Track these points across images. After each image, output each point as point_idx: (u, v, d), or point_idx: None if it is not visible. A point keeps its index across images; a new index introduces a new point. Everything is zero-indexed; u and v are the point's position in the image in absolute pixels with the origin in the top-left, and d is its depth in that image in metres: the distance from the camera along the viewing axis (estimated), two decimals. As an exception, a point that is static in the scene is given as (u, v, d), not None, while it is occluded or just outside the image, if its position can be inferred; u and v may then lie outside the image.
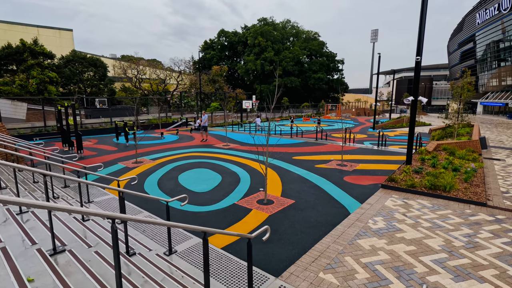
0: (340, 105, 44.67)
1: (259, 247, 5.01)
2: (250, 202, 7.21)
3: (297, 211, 6.63)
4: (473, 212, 6.52)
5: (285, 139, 18.33)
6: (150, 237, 5.29)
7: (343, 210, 6.72)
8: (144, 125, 22.73)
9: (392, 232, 5.53)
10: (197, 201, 7.28)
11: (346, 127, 18.24)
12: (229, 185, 8.58)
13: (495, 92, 53.15)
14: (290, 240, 5.26)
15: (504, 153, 14.45)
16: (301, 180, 9.17)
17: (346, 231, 5.60)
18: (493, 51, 51.23)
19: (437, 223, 5.95)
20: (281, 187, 8.42)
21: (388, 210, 6.66)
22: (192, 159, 12.10)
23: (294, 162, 11.59)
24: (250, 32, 52.93)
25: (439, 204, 7.03)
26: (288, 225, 5.90)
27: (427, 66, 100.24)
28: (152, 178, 9.25)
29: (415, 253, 4.76)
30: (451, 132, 18.77)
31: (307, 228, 5.74)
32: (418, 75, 9.83)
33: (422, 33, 9.81)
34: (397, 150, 14.55)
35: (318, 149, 14.70)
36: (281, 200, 7.32)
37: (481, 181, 8.71)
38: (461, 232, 5.53)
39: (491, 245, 5.03)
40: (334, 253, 4.77)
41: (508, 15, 44.85)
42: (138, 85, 34.68)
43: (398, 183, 8.36)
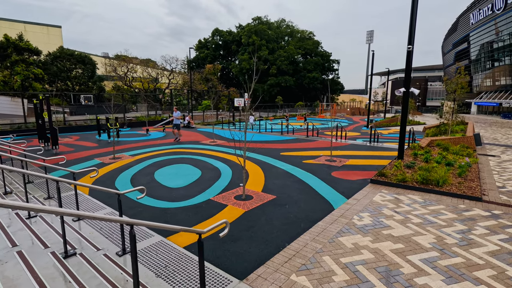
0: (334, 105, 44.27)
1: (227, 246, 4.42)
2: (227, 197, 6.62)
3: (277, 207, 6.06)
4: (468, 207, 6.00)
5: (275, 136, 17.79)
6: (106, 235, 4.68)
7: (327, 205, 6.16)
8: (131, 122, 22.03)
9: (378, 229, 4.97)
10: (170, 197, 6.68)
11: (337, 123, 17.71)
12: (208, 181, 7.99)
13: (489, 92, 53.24)
14: (264, 238, 4.68)
15: (499, 150, 14.05)
16: (286, 175, 8.61)
17: (327, 228, 5.04)
18: (487, 51, 51.34)
19: (429, 219, 5.41)
20: (264, 182, 7.85)
21: (376, 205, 6.12)
22: (174, 155, 11.48)
23: (281, 158, 11.03)
24: (244, 31, 52.40)
25: (431, 199, 6.51)
26: (265, 221, 5.32)
27: (421, 67, 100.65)
28: (126, 174, 8.62)
29: (403, 252, 4.21)
30: (445, 129, 18.38)
31: (285, 225, 5.17)
32: (410, 65, 9.34)
33: (413, 22, 9.33)
34: (390, 146, 14.07)
35: (308, 146, 14.17)
36: (261, 196, 6.75)
37: (475, 176, 8.21)
38: (454, 229, 4.99)
39: (487, 242, 4.50)
40: (312, 252, 4.20)
41: (502, 15, 44.95)
42: (128, 83, 33.91)
43: (388, 178, 7.84)
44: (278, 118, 36.25)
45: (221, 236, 3.08)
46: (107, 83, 38.04)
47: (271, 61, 51.28)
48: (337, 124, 16.88)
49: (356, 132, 22.06)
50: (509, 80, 47.00)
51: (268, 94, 49.59)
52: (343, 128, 17.47)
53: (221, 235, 3.09)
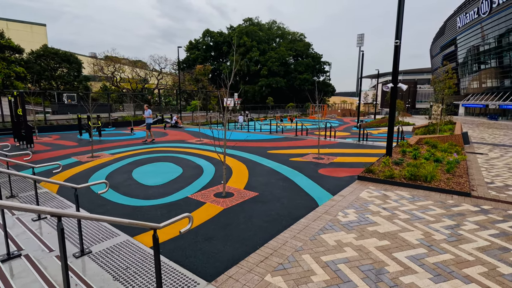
0: (325, 106, 44.30)
1: (199, 246, 4.04)
2: (206, 195, 6.23)
3: (258, 204, 5.71)
4: (456, 203, 5.77)
5: (264, 135, 17.47)
6: (67, 235, 4.23)
7: (312, 202, 5.85)
8: (116, 122, 21.40)
9: (363, 225, 4.67)
10: (145, 195, 6.25)
11: (326, 122, 17.52)
12: (189, 178, 7.59)
13: (476, 94, 54.30)
14: (240, 237, 4.32)
15: (487, 148, 14.07)
16: (272, 172, 8.27)
17: (310, 225, 4.71)
18: (473, 54, 52.39)
19: (416, 214, 5.14)
20: (247, 180, 7.49)
21: (363, 201, 5.83)
22: (156, 154, 11.02)
23: (268, 156, 10.70)
24: (235, 32, 52.19)
25: (419, 195, 6.26)
26: (243, 219, 4.96)
27: (411, 70, 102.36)
28: (102, 172, 8.14)
29: (388, 249, 3.91)
30: (434, 128, 18.42)
31: (265, 223, 4.82)
32: (398, 59, 9.17)
33: (401, 16, 9.17)
34: (379, 144, 13.91)
35: (296, 144, 13.89)
36: (243, 193, 6.39)
37: (464, 172, 8.04)
38: (443, 224, 4.73)
39: (477, 238, 4.24)
40: (291, 251, 3.86)
41: (487, 19, 45.96)
42: (116, 83, 33.13)
43: (376, 174, 7.58)
44: (269, 119, 36.00)
45: (182, 232, 2.71)
46: (95, 83, 37.15)
47: (262, 62, 51.16)
48: (325, 123, 16.67)
49: (346, 132, 21.95)
50: (495, 83, 48.01)
51: (259, 95, 49.39)
52: (332, 128, 17.30)
53: (182, 231, 2.72)
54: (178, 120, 21.76)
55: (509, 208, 5.50)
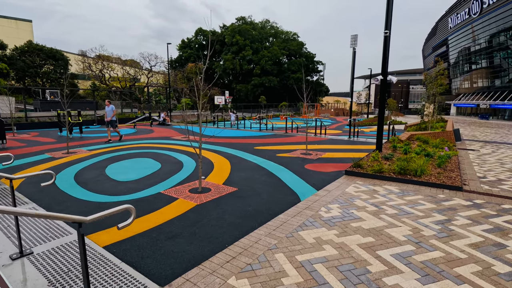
0: (318, 105, 44.08)
1: (160, 244, 3.58)
2: (181, 190, 5.76)
3: (235, 199, 5.26)
4: (447, 197, 5.40)
5: (254, 132, 17.02)
6: (10, 234, 3.72)
7: (294, 197, 5.42)
8: (102, 119, 20.71)
9: (347, 221, 4.26)
10: (113, 191, 5.75)
11: (316, 119, 17.18)
12: (166, 174, 7.10)
13: (467, 94, 54.74)
14: (209, 234, 3.86)
15: (478, 145, 13.88)
16: (256, 168, 7.83)
17: (288, 221, 4.28)
18: (464, 55, 52.82)
19: (405, 209, 4.75)
20: (228, 175, 7.04)
21: (348, 196, 5.42)
22: (137, 150, 10.50)
23: (254, 152, 10.26)
24: (228, 31, 51.71)
25: (409, 189, 5.89)
26: (216, 215, 4.50)
27: (403, 70, 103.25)
28: (73, 168, 7.60)
29: (372, 246, 3.50)
30: (426, 126, 18.22)
31: (239, 219, 4.37)
32: (387, 50, 8.83)
33: (390, 6, 8.84)
34: (369, 140, 13.58)
35: (285, 140, 13.48)
36: (221, 188, 5.93)
37: (455, 166, 7.72)
38: (433, 219, 4.34)
39: (470, 234, 3.86)
40: (263, 249, 3.41)
41: (478, 19, 46.35)
42: (104, 81, 32.33)
43: (364, 169, 7.20)
44: (263, 118, 35.58)
45: (120, 228, 2.24)
46: (84, 82, 36.24)
47: (255, 61, 50.77)
48: (315, 119, 16.33)
49: (338, 130, 21.65)
50: (486, 82, 48.44)
51: (252, 94, 48.98)
52: (323, 126, 16.95)
53: (120, 226, 2.25)
54: (166, 117, 21.18)
55: (503, 202, 5.15)
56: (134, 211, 2.36)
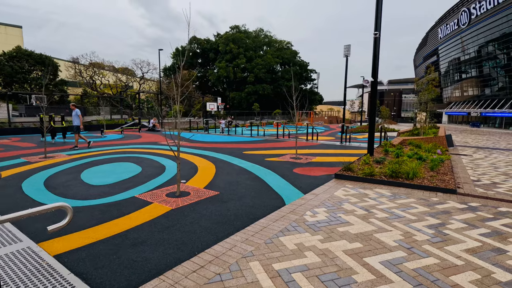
0: (312, 113, 44.07)
1: (121, 252, 3.16)
2: (158, 194, 5.35)
3: (215, 203, 4.87)
4: (441, 200, 5.09)
5: (244, 138, 16.67)
6: (-49, 243, 3.27)
7: (278, 201, 5.05)
8: (90, 125, 20.21)
9: (333, 226, 3.90)
10: (83, 195, 5.30)
11: (307, 123, 16.95)
12: (145, 178, 6.68)
13: (458, 103, 55.49)
14: (179, 241, 3.46)
15: (471, 150, 13.73)
16: (242, 172, 7.46)
17: (269, 225, 3.90)
18: (455, 64, 53.79)
19: (396, 213, 4.41)
20: (211, 179, 6.64)
21: (336, 200, 5.07)
22: (120, 154, 10.05)
23: (243, 156, 9.89)
24: (222, 39, 51.92)
25: (401, 193, 5.57)
26: (190, 220, 4.10)
27: (396, 80, 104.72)
28: (47, 172, 7.13)
29: (360, 253, 3.13)
30: (418, 132, 18.12)
31: (216, 224, 3.98)
32: (377, 52, 8.66)
33: (379, 7, 8.73)
34: (361, 145, 13.34)
35: (275, 145, 13.15)
36: (201, 192, 5.53)
37: (449, 170, 7.45)
38: (426, 223, 4.01)
39: (466, 238, 3.53)
40: (237, 257, 3.02)
41: (467, 30, 47.39)
42: (95, 88, 31.86)
43: (355, 172, 6.88)
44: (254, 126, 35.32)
45: (49, 231, 1.84)
46: (74, 89, 35.66)
47: (249, 69, 50.86)
48: (307, 124, 16.11)
49: (331, 136, 21.45)
50: (477, 91, 49.19)
51: (246, 102, 48.84)
52: (315, 132, 16.72)
53: (49, 229, 1.84)
54: (155, 123, 20.76)
55: (500, 205, 4.85)
56: (71, 211, 1.96)
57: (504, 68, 41.27)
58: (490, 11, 40.48)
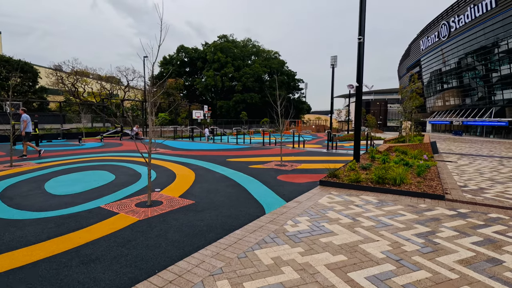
0: (300, 121, 44.22)
1: (66, 272, 2.69)
2: (126, 204, 4.87)
3: (188, 213, 4.44)
4: (430, 207, 4.83)
5: (230, 145, 16.28)
6: None
7: (258, 210, 4.66)
8: (69, 133, 19.36)
9: (315, 236, 3.54)
10: (40, 206, 4.76)
11: (293, 131, 16.78)
12: (117, 186, 6.17)
13: (441, 112, 57.10)
14: (139, 257, 3.01)
15: (455, 157, 13.81)
16: (223, 179, 7.05)
17: (245, 237, 3.50)
18: (436, 75, 55.59)
19: (383, 221, 4.11)
20: (189, 187, 6.20)
21: (321, 208, 4.73)
22: (95, 163, 9.45)
23: (225, 164, 9.48)
24: (210, 48, 51.94)
25: (388, 199, 5.29)
26: (157, 233, 3.66)
27: (381, 90, 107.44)
28: (7, 182, 6.51)
29: (344, 267, 2.78)
30: (404, 139, 18.25)
31: (185, 237, 3.55)
32: (362, 57, 8.57)
33: (363, 11, 8.69)
34: (348, 152, 13.18)
35: (261, 153, 12.81)
36: (175, 201, 5.09)
37: (435, 176, 7.29)
38: (415, 231, 3.71)
39: (458, 247, 3.24)
40: (203, 275, 2.61)
41: (447, 42, 49.25)
42: (77, 95, 30.89)
43: (340, 179, 6.60)
44: (240, 134, 34.98)
45: None
46: (56, 96, 34.48)
47: (237, 78, 50.91)
48: (293, 131, 15.92)
49: (318, 144, 21.33)
50: (458, 101, 50.80)
51: (234, 111, 48.63)
52: (301, 140, 16.54)
53: None
54: (139, 131, 20.11)
55: (489, 211, 4.63)
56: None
57: (482, 79, 42.88)
58: (468, 25, 42.26)
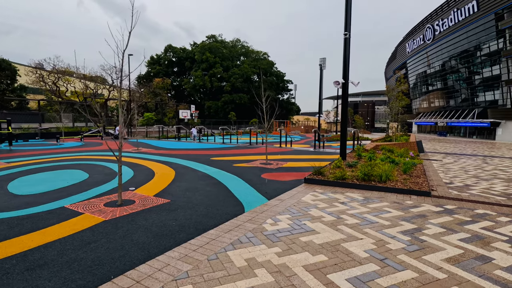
0: (289, 122, 44.21)
1: (8, 279, 2.33)
2: (95, 204, 4.48)
3: (161, 212, 4.10)
4: (416, 203, 4.66)
5: (215, 145, 15.91)
6: None
7: (238, 208, 4.38)
8: (48, 133, 18.54)
9: (295, 235, 3.28)
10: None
11: (280, 129, 16.60)
12: (88, 185, 5.76)
13: (426, 113, 58.33)
14: (96, 261, 2.67)
15: (440, 156, 13.92)
16: (204, 177, 6.72)
17: (219, 237, 3.21)
18: (422, 77, 56.81)
19: (368, 218, 3.89)
20: (166, 185, 5.85)
21: (303, 205, 4.49)
22: (72, 162, 8.94)
23: (209, 163, 9.15)
24: (198, 48, 51.37)
25: (373, 196, 5.10)
26: (123, 234, 3.32)
27: (369, 92, 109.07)
28: (-32, 181, 5.99)
29: (323, 268, 2.52)
30: (390, 139, 18.37)
31: (153, 238, 3.22)
32: (348, 53, 8.42)
33: (349, 9, 8.56)
34: (335, 151, 13.06)
35: (247, 151, 12.53)
36: (149, 200, 4.74)
37: (421, 173, 7.19)
38: (401, 229, 3.51)
39: (446, 245, 3.04)
40: (165, 280, 2.30)
41: (432, 45, 50.41)
42: (59, 94, 29.77)
43: (325, 176, 6.39)
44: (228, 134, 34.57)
45: None
46: (36, 95, 33.16)
47: (225, 79, 50.53)
48: (280, 130, 15.73)
49: (306, 144, 21.23)
50: (442, 102, 52.01)
51: (223, 111, 48.18)
52: (288, 140, 16.36)
53: None
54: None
55: (476, 207, 4.50)
56: None
57: (465, 81, 44.04)
58: (452, 28, 43.35)
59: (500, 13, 34.24)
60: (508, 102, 35.18)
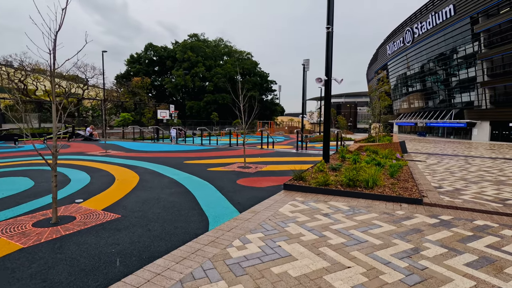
0: (273, 123, 43.73)
1: None
2: (20, 223, 3.60)
3: (102, 233, 3.28)
4: (408, 214, 4.09)
5: (192, 146, 15.02)
6: None
7: (201, 225, 3.63)
8: (9, 134, 16.94)
9: (267, 264, 2.57)
10: None
11: (262, 130, 15.95)
12: (28, 197, 4.82)
13: (406, 114, 59.70)
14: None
15: (423, 156, 13.74)
16: (170, 185, 5.91)
17: (166, 270, 2.45)
18: (402, 79, 58.09)
19: (356, 236, 3.25)
20: (123, 196, 5.00)
21: (280, 219, 3.80)
22: (20, 167, 7.85)
23: (181, 167, 8.31)
24: (179, 47, 49.95)
25: (360, 205, 4.49)
26: (35, 270, 2.49)
27: (351, 93, 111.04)
28: None
29: (299, 319, 1.82)
30: (374, 139, 18.17)
31: (75, 275, 2.42)
32: (330, 47, 7.86)
33: (331, 2, 8.01)
34: (318, 152, 12.54)
35: (225, 154, 11.75)
36: (94, 216, 3.89)
37: (409, 176, 6.71)
38: (395, 250, 2.88)
39: (452, 273, 2.43)
40: None
41: (411, 48, 51.60)
42: (26, 93, 27.71)
43: (307, 181, 5.75)
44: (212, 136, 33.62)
45: None
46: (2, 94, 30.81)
47: (208, 78, 49.43)
48: (261, 130, 15.07)
49: (289, 145, 20.70)
50: (422, 103, 53.35)
51: (205, 111, 47.05)
52: (271, 140, 15.73)
53: None
54: (93, 132, 18.15)
55: (474, 217, 3.98)
56: None
57: (443, 83, 45.28)
58: (430, 31, 44.45)
59: (475, 17, 35.32)
60: (483, 103, 36.34)
